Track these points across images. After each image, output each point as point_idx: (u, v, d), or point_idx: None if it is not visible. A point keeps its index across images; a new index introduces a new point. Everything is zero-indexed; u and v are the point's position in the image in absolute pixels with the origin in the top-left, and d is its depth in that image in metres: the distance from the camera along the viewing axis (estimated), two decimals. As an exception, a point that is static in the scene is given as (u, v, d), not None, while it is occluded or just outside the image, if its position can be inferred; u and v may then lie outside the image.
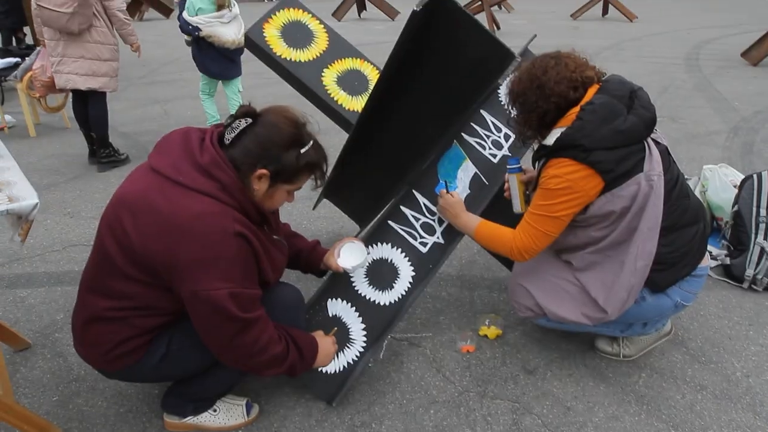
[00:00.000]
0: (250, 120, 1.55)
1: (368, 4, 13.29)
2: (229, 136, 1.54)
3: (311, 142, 1.60)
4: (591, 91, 1.80)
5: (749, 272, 2.63)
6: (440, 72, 2.11)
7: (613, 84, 1.81)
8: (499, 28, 11.54)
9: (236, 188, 1.49)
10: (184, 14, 4.22)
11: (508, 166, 2.07)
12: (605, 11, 14.22)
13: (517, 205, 2.06)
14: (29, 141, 4.92)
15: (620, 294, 1.85)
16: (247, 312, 1.51)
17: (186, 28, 4.24)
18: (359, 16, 13.50)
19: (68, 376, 2.09)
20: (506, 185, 2.09)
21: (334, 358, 1.96)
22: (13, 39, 7.46)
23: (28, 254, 2.99)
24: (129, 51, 4.37)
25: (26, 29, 7.72)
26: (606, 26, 12.55)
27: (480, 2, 11.68)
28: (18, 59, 5.23)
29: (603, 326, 2.05)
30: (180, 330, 1.64)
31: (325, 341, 1.89)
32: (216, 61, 4.42)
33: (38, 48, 4.58)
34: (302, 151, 1.56)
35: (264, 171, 1.53)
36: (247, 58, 3.97)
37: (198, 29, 4.18)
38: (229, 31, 4.25)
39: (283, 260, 1.78)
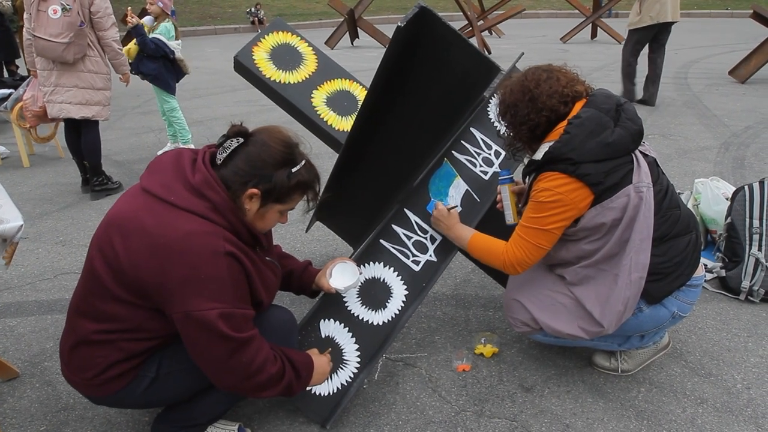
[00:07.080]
0: (241, 140, 1.54)
1: (361, 32, 13.45)
2: (220, 156, 1.53)
3: (303, 162, 1.59)
4: (578, 105, 1.82)
5: (745, 284, 2.62)
6: (427, 87, 2.13)
7: (600, 98, 1.82)
8: (490, 52, 11.68)
9: (227, 208, 1.48)
10: (161, 38, 4.69)
11: (499, 177, 2.07)
12: (594, 34, 14.44)
13: (510, 216, 2.05)
14: (23, 171, 4.92)
15: (616, 307, 1.83)
16: (241, 332, 1.48)
17: (164, 49, 4.73)
18: (352, 44, 13.66)
19: (57, 405, 2.04)
20: (498, 197, 2.09)
21: (328, 378, 1.92)
22: (5, 72, 7.51)
23: (18, 283, 2.96)
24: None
25: (18, 62, 7.79)
26: (595, 48, 12.73)
27: (470, 28, 11.86)
28: (11, 90, 5.26)
29: (600, 340, 2.02)
30: (169, 354, 1.62)
31: (320, 359, 1.85)
32: (175, 81, 5.11)
33: (28, 78, 4.61)
34: (293, 170, 1.55)
35: (255, 190, 1.52)
36: (241, 86, 4.00)
37: (173, 52, 4.81)
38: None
39: (275, 281, 1.75)
